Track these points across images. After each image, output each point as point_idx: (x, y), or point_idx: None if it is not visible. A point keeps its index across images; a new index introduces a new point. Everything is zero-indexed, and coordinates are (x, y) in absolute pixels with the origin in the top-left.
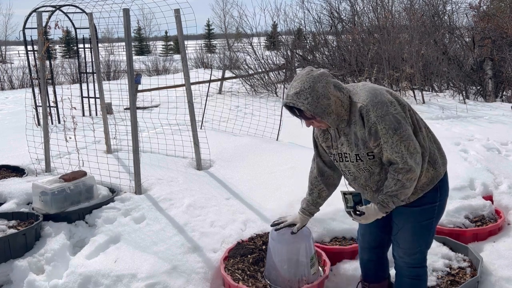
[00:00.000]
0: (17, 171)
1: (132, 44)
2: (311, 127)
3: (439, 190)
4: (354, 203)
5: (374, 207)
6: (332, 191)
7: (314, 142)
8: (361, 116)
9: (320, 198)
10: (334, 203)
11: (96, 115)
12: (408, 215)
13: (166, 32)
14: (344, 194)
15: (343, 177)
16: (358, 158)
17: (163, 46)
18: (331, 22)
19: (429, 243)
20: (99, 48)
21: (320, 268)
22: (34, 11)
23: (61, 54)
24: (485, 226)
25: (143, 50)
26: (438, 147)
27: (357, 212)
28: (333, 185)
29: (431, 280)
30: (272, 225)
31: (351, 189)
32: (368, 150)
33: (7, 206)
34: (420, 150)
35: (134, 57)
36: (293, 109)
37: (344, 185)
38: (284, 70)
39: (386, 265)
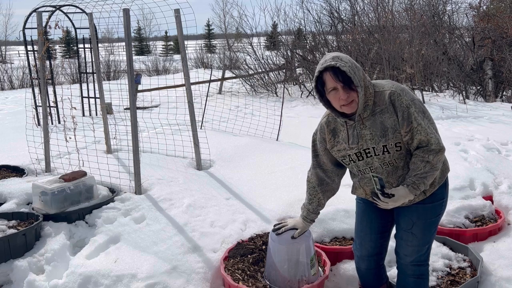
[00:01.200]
0: (17, 171)
1: (132, 44)
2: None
3: (446, 186)
4: (380, 186)
5: (405, 189)
6: (331, 196)
7: (314, 152)
8: (391, 103)
9: (320, 206)
10: (334, 203)
11: (96, 115)
12: (420, 212)
13: (166, 32)
14: (372, 176)
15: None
16: (385, 149)
17: (163, 46)
18: (331, 22)
19: (432, 241)
20: (99, 48)
21: (320, 268)
22: (34, 11)
23: (61, 54)
24: (485, 226)
25: (143, 50)
26: None
27: (386, 194)
28: (331, 191)
29: (431, 280)
30: (273, 230)
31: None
32: (396, 140)
33: (7, 206)
34: None
35: (134, 57)
36: (320, 82)
37: (344, 186)
38: (284, 70)
39: (384, 270)
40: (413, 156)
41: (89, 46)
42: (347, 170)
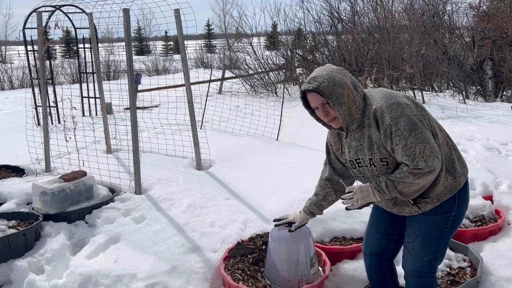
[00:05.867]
0: (17, 171)
1: (132, 44)
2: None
3: (457, 200)
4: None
5: (368, 184)
6: (340, 196)
7: (326, 148)
8: (375, 119)
9: (325, 201)
10: (334, 203)
11: (96, 115)
12: (420, 222)
13: (166, 32)
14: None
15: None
16: (371, 163)
17: (163, 46)
18: (331, 22)
19: (438, 255)
20: (99, 48)
21: (320, 268)
22: (34, 11)
23: (61, 54)
24: (485, 226)
25: (143, 50)
26: (458, 155)
27: (347, 193)
28: (341, 191)
29: None
30: (274, 220)
31: None
32: (381, 155)
33: (7, 206)
34: (439, 154)
35: (134, 57)
36: (306, 99)
37: None
38: (284, 70)
39: (391, 276)
40: None
41: (89, 46)
42: None
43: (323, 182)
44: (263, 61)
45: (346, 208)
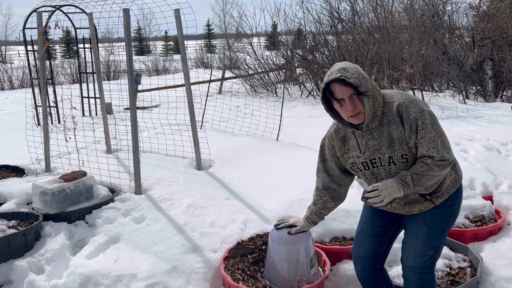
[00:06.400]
0: (17, 171)
1: (132, 44)
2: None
3: (459, 193)
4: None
5: (391, 179)
6: (338, 203)
7: (322, 156)
8: (398, 114)
9: (325, 209)
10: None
11: (96, 115)
12: (427, 216)
13: (166, 32)
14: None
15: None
16: (391, 161)
17: (163, 46)
18: (331, 22)
19: (439, 249)
20: (99, 48)
21: (320, 268)
22: (34, 11)
23: (61, 54)
24: (485, 226)
25: (143, 50)
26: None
27: (371, 191)
28: (339, 198)
29: None
30: (274, 225)
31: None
32: (403, 151)
33: (7, 206)
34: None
35: (134, 57)
36: (328, 91)
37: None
38: (284, 70)
39: (383, 280)
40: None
41: (89, 46)
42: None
43: (319, 191)
44: (263, 61)
45: (371, 206)
